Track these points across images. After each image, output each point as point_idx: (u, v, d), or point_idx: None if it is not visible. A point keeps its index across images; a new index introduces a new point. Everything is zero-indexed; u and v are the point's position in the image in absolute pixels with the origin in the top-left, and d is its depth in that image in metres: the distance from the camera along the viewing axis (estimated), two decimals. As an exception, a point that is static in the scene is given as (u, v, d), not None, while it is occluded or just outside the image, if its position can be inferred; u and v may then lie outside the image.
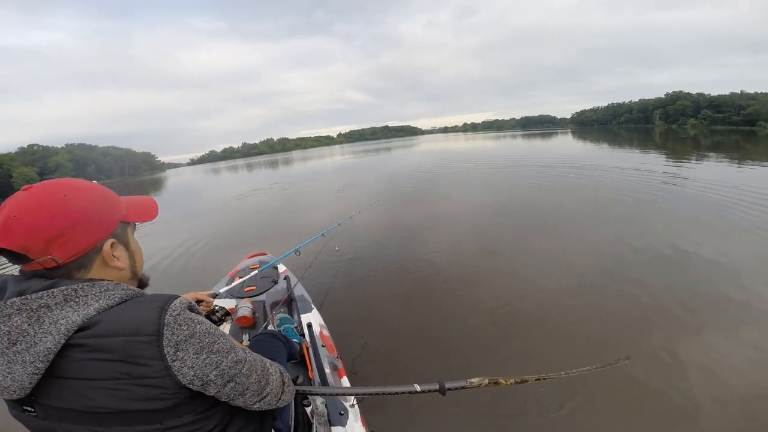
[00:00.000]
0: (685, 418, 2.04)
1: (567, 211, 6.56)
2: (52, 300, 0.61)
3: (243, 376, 0.74)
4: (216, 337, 0.70)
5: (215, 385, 0.69)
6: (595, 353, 2.61)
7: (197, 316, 0.71)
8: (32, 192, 0.64)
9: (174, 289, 0.87)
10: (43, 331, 0.59)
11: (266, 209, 10.35)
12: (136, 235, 0.83)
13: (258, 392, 0.78)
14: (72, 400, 0.61)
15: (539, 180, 10.04)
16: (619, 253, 4.34)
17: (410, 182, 12.29)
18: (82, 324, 0.61)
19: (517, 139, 40.63)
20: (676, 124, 69.29)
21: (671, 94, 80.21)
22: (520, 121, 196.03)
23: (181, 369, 0.64)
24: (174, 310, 0.66)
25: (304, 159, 46.28)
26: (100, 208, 0.70)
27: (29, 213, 0.61)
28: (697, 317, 2.91)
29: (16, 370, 0.58)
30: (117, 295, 0.67)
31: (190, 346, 0.65)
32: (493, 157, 19.26)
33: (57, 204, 0.63)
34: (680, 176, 9.22)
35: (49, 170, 73.55)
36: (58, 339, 0.59)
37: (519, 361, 2.65)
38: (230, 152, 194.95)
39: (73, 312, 0.61)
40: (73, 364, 0.60)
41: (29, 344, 0.58)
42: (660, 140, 27.99)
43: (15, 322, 0.59)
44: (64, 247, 0.64)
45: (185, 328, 0.66)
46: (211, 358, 0.68)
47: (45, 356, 0.58)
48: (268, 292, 2.50)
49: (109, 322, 0.62)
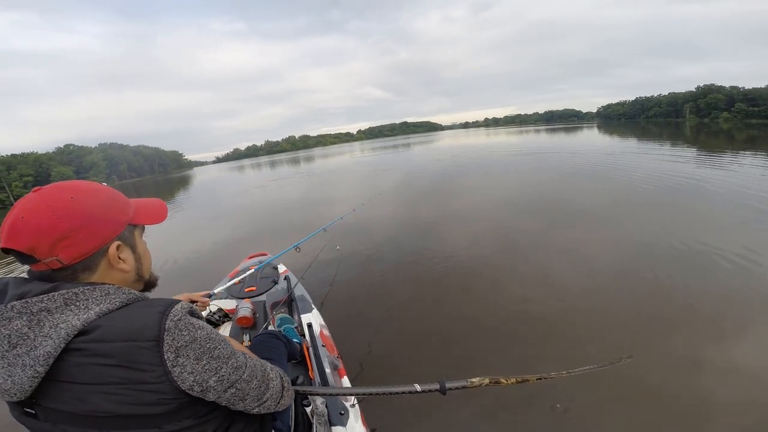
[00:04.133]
0: (688, 418, 2.03)
1: (586, 205, 6.44)
2: (53, 303, 0.61)
3: (243, 382, 0.75)
4: (217, 342, 0.71)
5: (215, 391, 0.70)
6: (605, 355, 2.60)
7: (198, 321, 0.71)
8: (41, 194, 0.65)
9: (174, 287, 0.96)
10: (44, 334, 0.59)
11: (281, 202, 10.54)
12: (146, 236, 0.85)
13: (258, 397, 0.80)
14: (72, 403, 0.61)
15: (557, 172, 9.86)
16: (641, 250, 4.24)
17: (418, 177, 12.27)
18: (83, 328, 0.61)
19: (540, 134, 39.70)
20: (708, 118, 66.51)
21: (703, 87, 77.18)
22: (544, 115, 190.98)
23: (181, 375, 0.64)
24: (175, 315, 0.66)
25: (324, 156, 46.67)
26: (106, 211, 0.71)
27: (36, 215, 0.62)
28: (712, 320, 2.84)
29: (17, 374, 0.59)
30: (118, 300, 0.67)
31: (190, 351, 0.66)
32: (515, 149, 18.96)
33: (64, 206, 0.64)
34: (710, 172, 8.83)
35: (84, 169, 77.27)
36: (58, 343, 0.59)
37: (520, 361, 2.64)
38: (254, 150, 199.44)
39: (74, 316, 0.61)
40: (73, 369, 0.60)
41: (29, 348, 0.59)
42: (691, 134, 26.75)
43: (15, 325, 0.59)
44: (69, 248, 0.64)
45: (186, 334, 0.66)
46: (211, 363, 0.68)
47: (45, 360, 0.59)
48: (269, 292, 2.53)
49: (109, 326, 0.62)
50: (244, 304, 2.12)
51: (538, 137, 33.84)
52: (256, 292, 2.49)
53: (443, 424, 2.13)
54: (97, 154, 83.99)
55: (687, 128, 38.37)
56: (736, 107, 63.63)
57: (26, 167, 65.23)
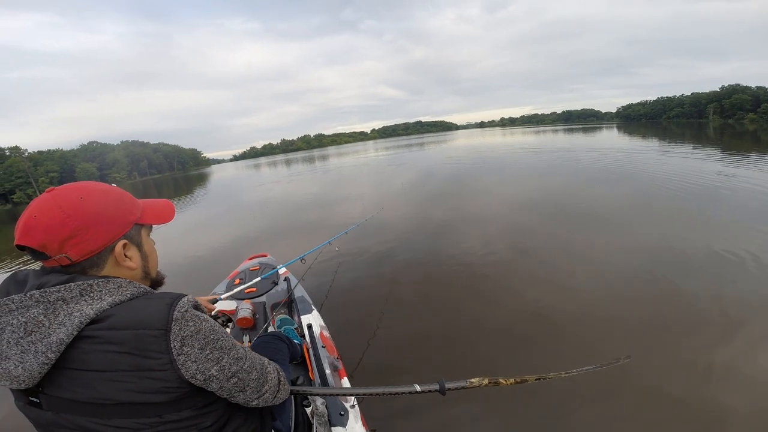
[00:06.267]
0: (690, 418, 2.03)
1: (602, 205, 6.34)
2: (69, 294, 0.65)
3: (244, 372, 0.79)
4: (219, 334, 0.75)
5: (217, 380, 0.73)
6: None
7: (202, 314, 0.75)
8: (53, 194, 0.69)
9: (177, 287, 1.01)
10: (58, 322, 0.62)
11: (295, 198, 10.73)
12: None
13: (257, 389, 0.84)
14: (77, 390, 0.64)
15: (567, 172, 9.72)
16: (658, 252, 4.14)
17: (429, 176, 12.18)
18: (95, 317, 0.65)
19: (558, 134, 39.00)
20: (732, 119, 64.19)
21: (727, 87, 74.51)
22: (562, 115, 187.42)
23: (185, 363, 0.68)
24: (182, 307, 0.70)
25: (339, 155, 46.88)
26: (114, 211, 0.75)
27: (47, 214, 0.66)
28: (718, 323, 2.79)
29: (28, 360, 0.61)
30: (129, 292, 0.71)
31: (195, 341, 0.69)
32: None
33: (73, 206, 0.68)
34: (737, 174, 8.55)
35: (107, 165, 79.50)
36: (71, 330, 0.62)
37: (521, 362, 2.64)
38: (269, 148, 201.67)
39: (87, 305, 0.65)
40: (83, 356, 0.63)
41: (43, 335, 0.62)
42: (714, 135, 25.86)
43: (32, 313, 0.62)
44: (77, 246, 0.68)
45: (191, 325, 0.70)
46: (213, 354, 0.72)
47: (57, 347, 0.62)
48: (269, 293, 2.54)
49: (120, 315, 0.66)
50: (244, 305, 2.13)
51: (556, 137, 33.25)
52: (256, 293, 2.50)
53: (443, 424, 2.14)
54: (119, 151, 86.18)
55: (710, 129, 37.21)
56: (762, 108, 61.26)
57: (52, 163, 67.56)
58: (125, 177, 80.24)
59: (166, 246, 6.71)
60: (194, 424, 0.72)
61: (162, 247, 0.91)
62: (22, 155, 63.64)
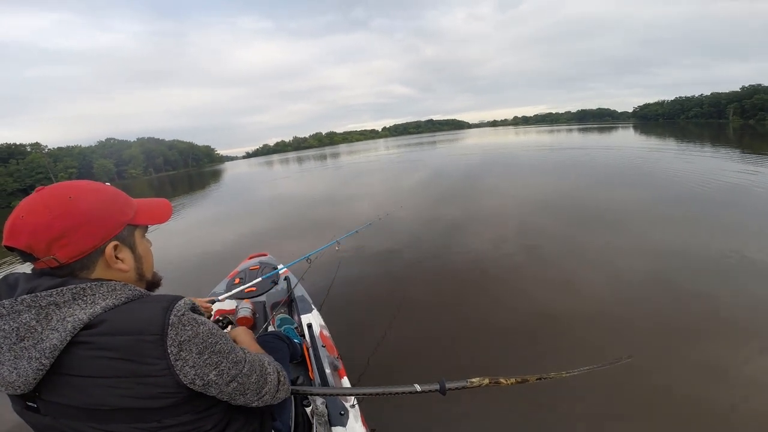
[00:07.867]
0: (691, 418, 2.01)
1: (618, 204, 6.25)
2: (61, 298, 0.62)
3: (244, 376, 0.77)
4: (218, 337, 0.72)
5: (216, 385, 0.71)
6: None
7: (200, 317, 0.72)
8: (42, 194, 0.67)
9: (176, 287, 1.01)
10: (51, 327, 0.61)
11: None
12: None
13: (257, 391, 0.82)
14: (74, 396, 0.63)
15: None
16: (673, 253, 4.07)
17: (439, 176, 12.10)
18: (89, 322, 0.62)
19: (572, 133, 38.42)
20: (753, 120, 62.14)
21: (748, 87, 72.11)
22: (576, 114, 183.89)
23: (183, 368, 0.66)
24: (179, 310, 0.68)
25: (350, 152, 46.98)
26: (104, 211, 0.71)
27: (34, 214, 0.64)
28: (726, 327, 2.76)
29: (22, 366, 0.60)
30: (124, 295, 0.69)
31: (193, 346, 0.67)
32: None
33: (61, 206, 0.65)
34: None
35: (124, 161, 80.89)
36: (65, 336, 0.60)
37: (521, 363, 2.63)
38: (282, 146, 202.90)
39: (80, 310, 0.63)
40: (78, 362, 0.62)
41: (36, 340, 0.60)
42: (735, 136, 25.11)
43: (24, 318, 0.61)
44: (65, 248, 0.65)
45: (189, 329, 0.67)
46: (212, 358, 0.70)
47: (51, 353, 0.60)
48: (269, 292, 2.54)
49: (114, 320, 0.64)
50: (244, 305, 2.14)
51: (570, 136, 32.76)
52: (256, 293, 2.50)
53: (443, 424, 2.14)
54: (135, 147, 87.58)
55: (730, 130, 36.13)
56: (785, 108, 59.33)
57: (71, 159, 69.19)
58: (141, 173, 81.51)
59: (168, 243, 6.66)
60: (194, 428, 0.71)
61: (165, 244, 0.91)
62: (42, 151, 65.46)
